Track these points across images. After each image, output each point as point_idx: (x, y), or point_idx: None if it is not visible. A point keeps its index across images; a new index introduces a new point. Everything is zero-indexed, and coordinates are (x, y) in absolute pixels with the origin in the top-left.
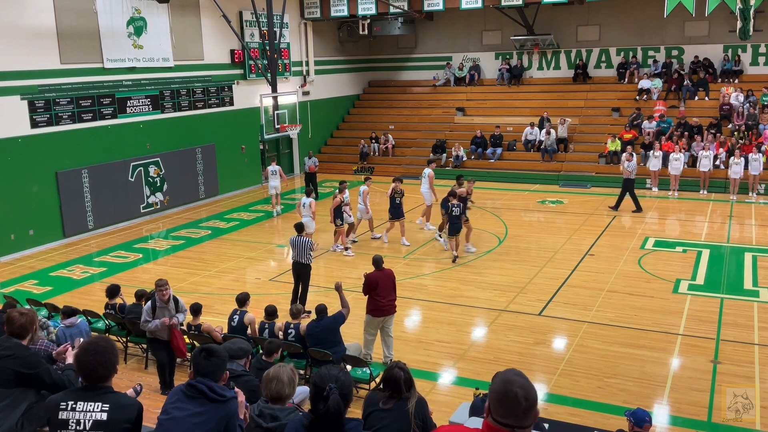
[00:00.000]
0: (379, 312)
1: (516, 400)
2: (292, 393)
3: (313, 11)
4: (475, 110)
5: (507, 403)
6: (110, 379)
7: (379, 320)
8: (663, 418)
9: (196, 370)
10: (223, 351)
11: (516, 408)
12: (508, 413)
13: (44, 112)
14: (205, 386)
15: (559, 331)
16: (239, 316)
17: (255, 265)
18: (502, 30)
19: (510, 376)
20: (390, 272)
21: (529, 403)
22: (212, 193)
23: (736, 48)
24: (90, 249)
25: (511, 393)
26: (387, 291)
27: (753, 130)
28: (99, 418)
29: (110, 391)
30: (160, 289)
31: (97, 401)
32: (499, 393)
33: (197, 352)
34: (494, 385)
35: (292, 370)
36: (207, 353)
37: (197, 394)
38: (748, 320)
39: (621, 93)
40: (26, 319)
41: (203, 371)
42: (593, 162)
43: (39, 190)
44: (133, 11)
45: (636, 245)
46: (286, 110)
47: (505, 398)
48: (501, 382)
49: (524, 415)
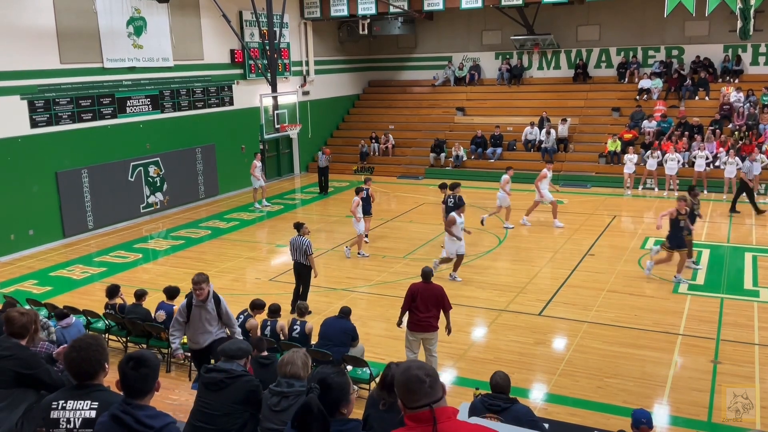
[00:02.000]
0: (413, 326)
1: (419, 380)
2: (306, 374)
3: (313, 11)
4: (475, 110)
5: (413, 386)
6: (99, 377)
7: (417, 336)
8: (663, 418)
9: (123, 383)
10: (155, 359)
11: (422, 386)
12: (418, 395)
13: (44, 112)
14: (130, 417)
15: (559, 331)
16: (243, 318)
17: (255, 265)
18: (502, 30)
19: (405, 364)
20: (436, 288)
21: (432, 379)
22: (212, 193)
23: (737, 48)
24: (90, 249)
25: (413, 376)
26: (426, 306)
27: (753, 130)
28: (88, 416)
29: (100, 389)
30: (195, 287)
31: (86, 399)
32: (403, 382)
33: (124, 362)
34: (396, 379)
35: (306, 354)
36: (135, 363)
37: (122, 428)
38: (748, 320)
39: (621, 93)
40: (27, 319)
41: (132, 384)
42: (593, 162)
43: (39, 190)
44: (133, 11)
45: (636, 245)
46: (286, 110)
47: (410, 383)
48: (400, 373)
49: (432, 390)
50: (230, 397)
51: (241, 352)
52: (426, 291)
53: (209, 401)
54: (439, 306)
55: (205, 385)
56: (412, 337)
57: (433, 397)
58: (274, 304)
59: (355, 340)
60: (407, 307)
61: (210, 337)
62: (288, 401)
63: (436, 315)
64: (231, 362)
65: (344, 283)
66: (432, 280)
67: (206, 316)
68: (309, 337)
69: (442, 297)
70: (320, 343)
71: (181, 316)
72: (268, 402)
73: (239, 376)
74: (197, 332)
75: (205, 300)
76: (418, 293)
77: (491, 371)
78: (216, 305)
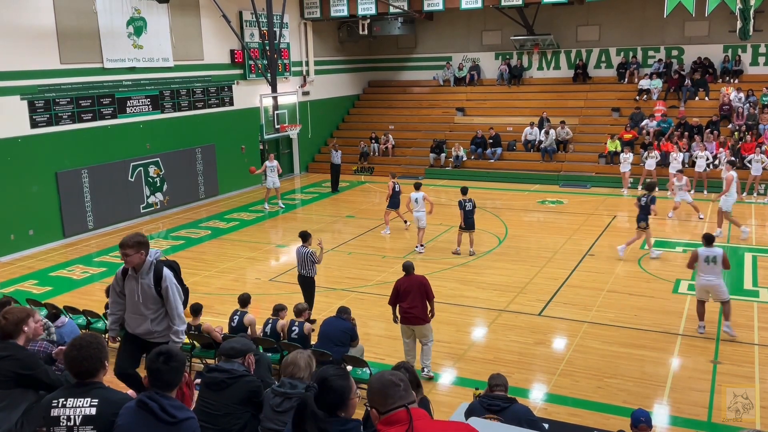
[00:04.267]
0: (404, 318)
1: (394, 384)
2: (308, 376)
3: (313, 11)
4: (475, 110)
5: (389, 390)
6: (99, 375)
7: (407, 328)
8: (663, 418)
9: (154, 377)
10: (182, 353)
11: (398, 390)
12: (394, 399)
13: (44, 112)
14: (156, 405)
15: (559, 331)
16: (239, 317)
17: (255, 265)
18: (502, 30)
19: (378, 374)
20: (419, 279)
21: (404, 383)
22: (212, 194)
23: (736, 48)
24: (90, 249)
25: (388, 380)
26: (412, 297)
27: (753, 130)
28: (88, 413)
29: (99, 387)
30: (121, 251)
31: (86, 397)
32: (378, 388)
33: (155, 357)
34: (372, 387)
35: (310, 356)
36: (166, 357)
37: (148, 414)
38: (748, 320)
39: (621, 93)
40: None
41: (163, 377)
42: (593, 162)
43: (39, 190)
44: (133, 11)
45: (636, 245)
46: (286, 110)
47: (386, 387)
48: (375, 380)
49: (406, 393)
50: (232, 397)
51: (233, 351)
52: (409, 283)
53: (211, 401)
54: (423, 296)
55: (206, 385)
56: (403, 328)
57: (407, 399)
58: (279, 304)
59: (355, 339)
60: (394, 301)
61: (145, 324)
62: (290, 402)
63: (423, 306)
64: (232, 362)
65: (344, 283)
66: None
67: (140, 293)
68: (308, 337)
69: (426, 286)
70: (320, 343)
71: (117, 285)
72: (270, 402)
73: (241, 376)
74: (129, 312)
75: (138, 270)
76: (402, 287)
77: (491, 371)
78: (155, 282)
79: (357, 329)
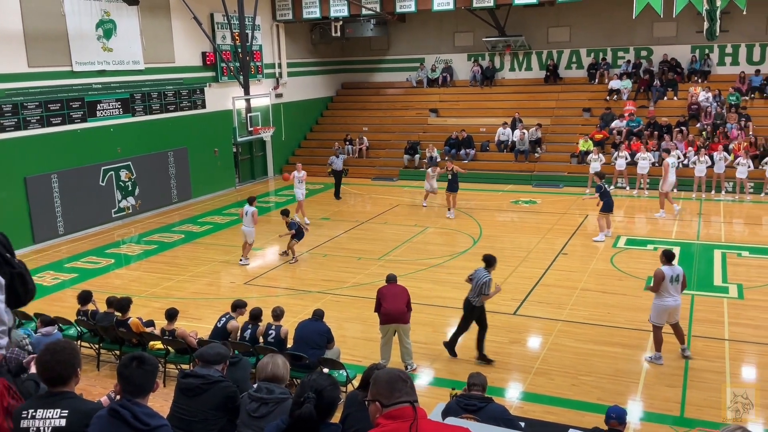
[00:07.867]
0: (384, 318)
1: (402, 379)
2: (287, 375)
3: (285, 13)
4: (448, 111)
5: (396, 384)
6: (71, 383)
7: (388, 328)
8: (636, 413)
9: (126, 381)
10: (154, 359)
11: (405, 385)
12: (400, 393)
13: (12, 116)
14: (129, 412)
15: (534, 330)
16: (225, 320)
17: (229, 269)
18: (474, 31)
19: (384, 368)
20: (400, 286)
21: (411, 381)
22: (185, 197)
23: (704, 48)
24: (60, 255)
25: (396, 375)
26: (395, 300)
27: (720, 129)
28: (57, 425)
29: (70, 397)
30: None
31: (56, 407)
32: (386, 379)
33: (127, 361)
34: (378, 377)
35: (284, 361)
36: (139, 361)
37: (120, 422)
38: (718, 316)
39: (591, 93)
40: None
41: (135, 381)
42: (565, 162)
43: (7, 196)
44: (102, 14)
45: (608, 243)
46: (259, 113)
47: (393, 380)
48: (383, 372)
49: (412, 390)
50: (207, 403)
51: (219, 357)
52: (392, 289)
53: (186, 407)
54: (404, 301)
55: (181, 391)
56: (384, 327)
57: (412, 397)
58: (256, 309)
59: (331, 342)
60: (378, 307)
61: None
62: (267, 407)
63: (404, 309)
64: (209, 367)
65: (319, 286)
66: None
67: None
68: (285, 341)
69: (407, 292)
70: (296, 347)
71: None
72: (246, 407)
73: (216, 381)
74: None
75: None
76: (385, 292)
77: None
78: None
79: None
